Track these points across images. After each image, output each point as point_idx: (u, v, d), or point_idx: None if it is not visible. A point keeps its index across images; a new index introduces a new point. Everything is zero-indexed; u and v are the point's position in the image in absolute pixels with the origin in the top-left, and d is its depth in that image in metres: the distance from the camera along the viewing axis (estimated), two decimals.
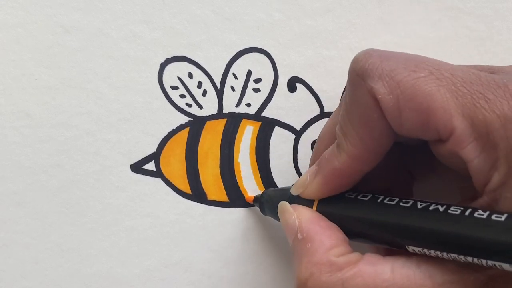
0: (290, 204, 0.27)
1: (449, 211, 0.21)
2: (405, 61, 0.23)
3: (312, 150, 0.32)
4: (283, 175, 0.32)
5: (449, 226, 0.21)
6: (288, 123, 0.32)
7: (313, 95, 0.32)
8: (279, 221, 0.28)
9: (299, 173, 0.32)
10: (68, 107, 0.31)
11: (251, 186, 0.32)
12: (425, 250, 0.22)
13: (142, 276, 0.32)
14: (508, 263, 0.20)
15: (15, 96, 0.31)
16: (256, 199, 0.31)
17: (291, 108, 0.32)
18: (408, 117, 0.22)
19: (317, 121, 0.32)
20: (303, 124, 0.32)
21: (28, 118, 0.31)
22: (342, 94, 0.32)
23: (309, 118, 0.32)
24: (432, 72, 0.22)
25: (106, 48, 0.31)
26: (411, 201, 0.23)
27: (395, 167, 0.28)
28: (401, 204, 0.23)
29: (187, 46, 0.32)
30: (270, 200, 0.30)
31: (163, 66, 0.32)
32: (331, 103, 0.32)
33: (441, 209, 0.22)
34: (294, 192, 0.27)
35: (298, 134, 0.32)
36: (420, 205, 0.23)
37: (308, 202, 0.26)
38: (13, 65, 0.31)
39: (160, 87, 0.32)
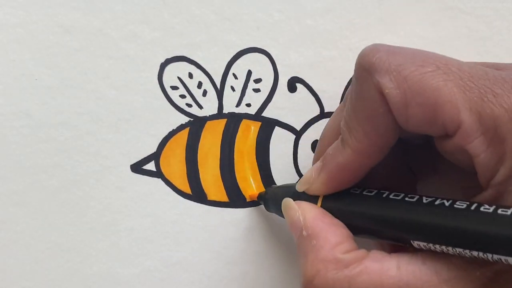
0: (294, 200, 0.27)
1: (455, 206, 0.21)
2: (412, 56, 0.23)
3: (312, 150, 0.32)
4: (283, 175, 0.32)
5: (455, 220, 0.21)
6: (288, 123, 0.32)
7: (313, 95, 0.32)
8: (284, 217, 0.28)
9: (299, 173, 0.32)
10: (68, 107, 0.31)
11: (251, 186, 0.32)
12: (431, 245, 0.22)
13: (142, 276, 0.32)
14: None
15: (15, 96, 0.31)
16: (261, 196, 0.31)
17: (291, 108, 0.32)
18: (415, 111, 0.22)
19: (317, 121, 0.32)
20: (303, 124, 0.32)
21: (28, 118, 0.31)
22: (344, 90, 0.32)
23: (309, 118, 0.32)
24: (439, 67, 0.22)
25: (106, 48, 0.31)
26: (417, 196, 0.23)
27: (398, 166, 0.28)
28: (406, 199, 0.23)
29: (187, 46, 0.32)
30: (275, 196, 0.29)
31: (163, 66, 0.32)
32: (331, 103, 0.32)
33: (446, 203, 0.22)
34: (299, 188, 0.27)
35: (298, 134, 0.32)
36: (426, 200, 0.23)
37: (312, 199, 0.26)
38: (13, 65, 0.31)
39: (160, 87, 0.32)
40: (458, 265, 0.22)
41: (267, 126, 0.32)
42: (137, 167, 0.32)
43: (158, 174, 0.32)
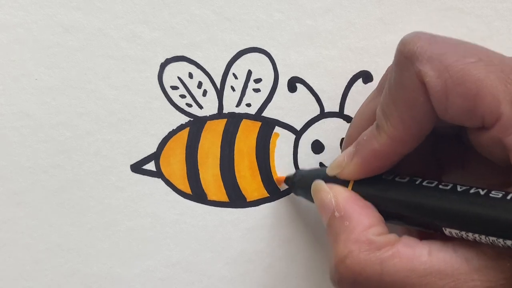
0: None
1: (490, 195, 0.21)
2: (454, 46, 0.23)
3: (312, 150, 0.32)
4: (283, 175, 0.32)
5: (490, 209, 0.21)
6: (288, 123, 0.32)
7: (313, 95, 0.32)
8: (312, 201, 0.28)
9: None
10: (68, 107, 0.31)
11: (251, 186, 0.32)
12: (463, 233, 0.22)
13: (142, 276, 0.32)
14: None
15: (15, 96, 0.31)
16: (289, 178, 0.31)
17: (291, 108, 0.32)
18: (455, 102, 0.22)
19: (317, 121, 0.32)
20: (303, 124, 0.32)
21: (28, 118, 0.31)
22: (344, 91, 0.32)
23: (309, 118, 0.32)
24: (481, 59, 0.22)
25: (106, 48, 0.31)
26: (451, 185, 0.23)
27: (425, 157, 0.28)
28: (440, 186, 0.23)
29: (187, 46, 0.32)
30: (303, 179, 0.29)
31: (163, 66, 0.32)
32: (331, 103, 0.32)
33: (482, 192, 0.22)
34: (330, 172, 0.27)
35: (298, 134, 0.32)
36: (460, 188, 0.23)
37: (343, 183, 0.26)
38: (13, 65, 0.31)
39: (160, 87, 0.32)
40: (489, 254, 0.22)
41: (267, 126, 0.32)
42: (137, 167, 0.32)
43: (158, 174, 0.32)
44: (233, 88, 0.32)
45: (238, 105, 0.32)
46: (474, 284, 0.21)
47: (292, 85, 0.32)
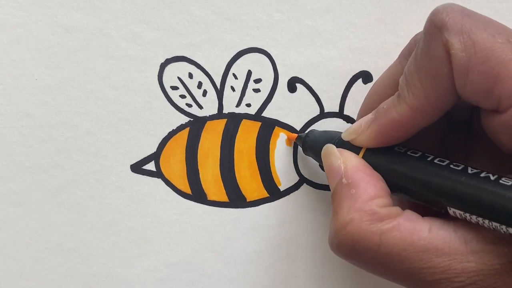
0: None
1: (500, 181, 0.21)
2: (485, 23, 0.22)
3: None
4: (283, 175, 0.32)
5: (499, 195, 0.21)
6: (288, 123, 0.32)
7: (313, 95, 0.32)
8: (320, 162, 0.28)
9: (299, 173, 0.32)
10: (68, 107, 0.31)
11: (251, 186, 0.32)
12: (467, 215, 0.22)
13: (142, 276, 0.32)
14: None
15: (15, 96, 0.31)
16: (300, 137, 0.31)
17: (291, 108, 0.32)
18: (475, 79, 0.22)
19: (317, 121, 0.32)
20: (303, 124, 0.32)
21: (28, 118, 0.31)
22: (344, 91, 0.32)
23: (309, 118, 0.32)
24: (510, 41, 0.22)
25: (106, 48, 0.31)
26: (462, 165, 0.23)
27: (433, 139, 0.28)
28: (451, 166, 0.23)
29: (187, 46, 0.32)
30: (315, 141, 0.29)
31: (163, 66, 0.32)
32: (331, 103, 0.32)
33: (492, 178, 0.22)
34: (345, 137, 0.27)
35: (298, 134, 0.32)
36: (471, 170, 0.23)
37: (354, 150, 0.26)
38: (13, 65, 0.31)
39: (160, 87, 0.32)
40: (488, 239, 0.22)
41: (267, 126, 0.32)
42: (137, 167, 0.32)
43: (158, 174, 0.32)
44: (233, 88, 0.32)
45: (238, 105, 0.32)
46: (469, 265, 0.22)
47: (292, 85, 0.32)
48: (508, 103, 0.22)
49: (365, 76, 0.32)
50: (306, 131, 0.31)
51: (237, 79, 0.32)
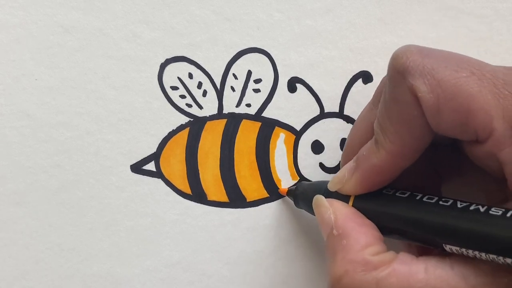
0: (325, 198, 0.27)
1: (490, 212, 0.21)
2: (446, 59, 0.23)
3: (312, 150, 0.32)
4: (283, 175, 0.32)
5: (490, 226, 0.21)
6: (288, 123, 0.32)
7: (313, 95, 0.32)
8: (313, 214, 0.28)
9: (299, 173, 0.32)
10: (68, 107, 0.31)
11: (251, 186, 0.32)
12: (463, 249, 0.22)
13: (142, 276, 0.32)
14: None
15: (15, 96, 0.31)
16: (291, 191, 0.31)
17: (291, 108, 0.32)
18: (448, 116, 0.22)
19: (317, 121, 0.32)
20: (303, 124, 0.32)
21: (28, 118, 0.31)
22: (344, 91, 0.32)
23: (309, 119, 0.32)
24: (473, 73, 0.22)
25: (106, 48, 0.31)
26: (451, 200, 0.23)
27: (425, 167, 0.28)
28: (440, 202, 0.23)
29: (187, 46, 0.32)
30: (305, 193, 0.29)
31: (163, 66, 0.32)
32: (331, 103, 0.32)
33: (481, 209, 0.22)
34: (331, 188, 0.27)
35: (298, 134, 0.32)
36: (460, 204, 0.23)
37: (344, 197, 0.26)
38: (13, 65, 0.31)
39: (160, 87, 0.32)
40: (486, 271, 0.22)
41: (267, 126, 0.32)
42: (137, 167, 0.32)
43: (158, 174, 0.32)
44: (233, 88, 0.32)
45: (238, 105, 0.32)
46: None
47: (292, 85, 0.32)
48: (485, 133, 0.22)
49: (365, 76, 0.32)
50: (296, 185, 0.31)
51: (237, 79, 0.32)
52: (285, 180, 0.32)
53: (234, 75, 0.32)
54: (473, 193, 0.27)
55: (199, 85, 0.32)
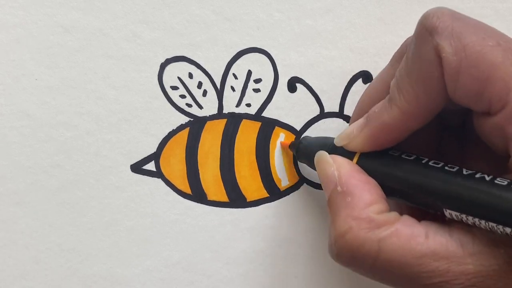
0: (329, 154, 0.27)
1: (496, 181, 0.22)
2: (476, 26, 0.23)
3: None
4: (283, 175, 0.32)
5: (494, 195, 0.21)
6: (288, 123, 0.32)
7: (313, 95, 0.32)
8: (314, 169, 0.28)
9: (299, 173, 0.32)
10: (68, 107, 0.31)
11: (251, 186, 0.32)
12: (463, 216, 0.22)
13: (142, 276, 0.32)
14: None
15: (15, 96, 0.31)
16: (294, 144, 0.31)
17: (291, 108, 0.32)
18: (466, 82, 0.22)
19: (317, 121, 0.32)
20: (303, 124, 0.32)
21: (28, 118, 0.31)
22: (344, 91, 0.32)
23: (309, 118, 0.32)
24: (500, 44, 0.22)
25: (106, 48, 0.31)
26: (457, 167, 0.23)
27: (427, 143, 0.28)
28: (446, 168, 0.23)
29: (187, 46, 0.32)
30: (309, 147, 0.29)
31: (163, 66, 0.32)
32: (331, 103, 0.32)
33: (487, 178, 0.22)
34: (338, 143, 0.27)
35: (298, 134, 0.32)
36: (466, 172, 0.23)
37: (348, 155, 0.26)
38: (13, 65, 0.31)
39: (160, 87, 0.32)
40: (484, 240, 0.22)
41: (267, 126, 0.32)
42: (137, 167, 0.32)
43: (158, 174, 0.32)
44: (233, 88, 0.32)
45: (238, 105, 0.32)
46: (467, 267, 0.22)
47: (292, 85, 0.32)
48: (499, 105, 0.22)
49: (365, 76, 0.32)
50: (300, 138, 0.31)
51: (237, 79, 0.32)
52: (285, 180, 0.32)
53: (234, 75, 0.32)
54: None
55: (199, 85, 0.32)
